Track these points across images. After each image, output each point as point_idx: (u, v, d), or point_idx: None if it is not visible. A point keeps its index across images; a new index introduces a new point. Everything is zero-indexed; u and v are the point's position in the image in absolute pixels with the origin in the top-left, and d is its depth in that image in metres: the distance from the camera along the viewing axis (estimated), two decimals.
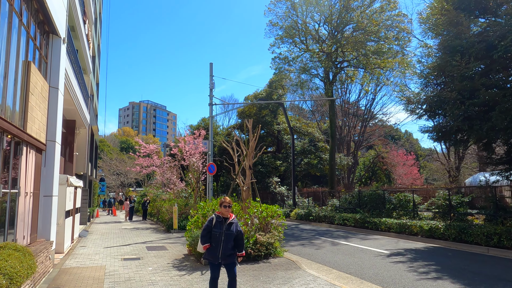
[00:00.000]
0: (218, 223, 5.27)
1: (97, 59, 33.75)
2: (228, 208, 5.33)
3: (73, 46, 13.76)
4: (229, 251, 5.23)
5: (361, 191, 20.67)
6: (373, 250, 11.62)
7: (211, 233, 5.27)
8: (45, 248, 8.09)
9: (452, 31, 12.90)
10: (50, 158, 9.24)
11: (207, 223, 5.36)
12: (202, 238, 5.31)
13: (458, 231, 12.69)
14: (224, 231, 5.20)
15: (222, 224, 5.25)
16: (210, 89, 19.14)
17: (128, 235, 16.68)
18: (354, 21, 27.06)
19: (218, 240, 5.18)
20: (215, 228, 5.25)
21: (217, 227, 5.23)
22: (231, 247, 5.26)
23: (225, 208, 5.32)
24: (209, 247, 5.24)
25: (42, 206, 8.92)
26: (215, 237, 5.21)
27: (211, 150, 18.70)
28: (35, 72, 7.94)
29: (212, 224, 5.30)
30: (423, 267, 8.92)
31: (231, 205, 5.39)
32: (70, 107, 14.85)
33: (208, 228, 5.31)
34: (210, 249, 5.24)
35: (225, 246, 5.18)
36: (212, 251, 5.21)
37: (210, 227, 5.29)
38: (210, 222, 5.33)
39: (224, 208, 5.32)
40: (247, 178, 11.51)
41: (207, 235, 5.28)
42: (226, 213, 5.33)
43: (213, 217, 5.38)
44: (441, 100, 13.13)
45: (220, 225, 5.24)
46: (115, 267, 9.16)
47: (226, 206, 5.33)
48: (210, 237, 5.26)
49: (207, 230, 5.30)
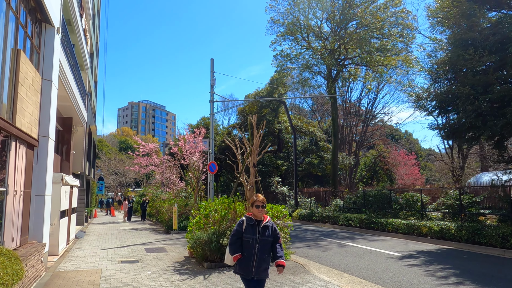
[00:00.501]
0: (250, 227, 4.26)
1: (95, 57, 33.19)
2: (261, 209, 4.29)
3: (69, 40, 13.21)
4: (264, 263, 4.23)
5: (366, 191, 20.13)
6: (383, 252, 11.08)
7: (242, 239, 4.28)
8: (36, 251, 7.53)
9: (465, 23, 12.36)
10: (43, 155, 8.68)
11: (236, 228, 4.34)
12: (231, 247, 4.29)
13: (471, 232, 12.15)
14: (258, 236, 4.21)
15: (255, 228, 4.25)
16: (211, 86, 18.59)
17: (126, 236, 16.12)
18: (358, 18, 26.52)
19: (251, 248, 4.18)
20: (246, 233, 4.24)
21: (249, 232, 4.24)
22: (267, 257, 4.27)
23: (257, 209, 4.29)
24: (240, 257, 4.23)
25: (34, 206, 8.37)
26: (247, 245, 4.21)
27: (212, 149, 18.16)
28: (25, 61, 7.38)
29: (242, 229, 4.29)
30: (440, 270, 8.38)
31: (265, 205, 4.37)
32: (66, 103, 14.27)
33: (238, 233, 4.29)
34: (241, 260, 4.22)
35: (260, 256, 4.19)
36: (245, 263, 4.20)
37: (240, 233, 4.28)
38: (240, 226, 4.31)
39: (256, 208, 4.30)
40: (251, 176, 10.95)
41: (237, 243, 4.27)
42: (259, 214, 4.29)
43: (243, 219, 4.36)
44: (452, 95, 12.59)
45: (252, 230, 4.24)
46: (112, 271, 8.60)
47: (259, 206, 4.28)
48: (241, 245, 4.26)
49: (237, 236, 4.29)
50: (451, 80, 13.56)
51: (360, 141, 40.83)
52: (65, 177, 11.48)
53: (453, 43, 12.86)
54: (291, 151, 37.86)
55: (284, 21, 29.33)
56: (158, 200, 24.69)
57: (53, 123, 9.35)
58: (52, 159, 9.28)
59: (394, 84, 33.60)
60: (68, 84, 12.45)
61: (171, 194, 23.52)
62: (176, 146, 23.89)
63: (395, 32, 26.49)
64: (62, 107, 15.01)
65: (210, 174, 17.76)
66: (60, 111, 15.51)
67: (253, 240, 4.19)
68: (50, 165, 9.02)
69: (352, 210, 20.50)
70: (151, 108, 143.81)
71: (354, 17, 26.93)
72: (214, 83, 18.50)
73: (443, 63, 13.18)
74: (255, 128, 11.18)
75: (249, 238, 4.20)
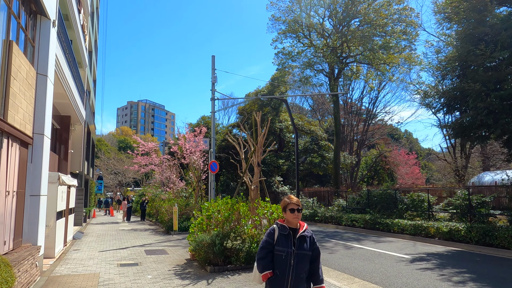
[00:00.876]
0: (283, 237, 3.30)
1: (94, 55, 32.74)
2: (297, 214, 3.33)
3: (67, 35, 12.78)
4: (302, 283, 3.28)
5: (370, 191, 19.72)
6: (392, 255, 10.67)
7: (273, 253, 3.32)
8: (30, 255, 7.12)
9: (475, 17, 11.95)
10: (38, 153, 8.26)
11: (265, 238, 3.40)
12: (259, 262, 3.35)
13: (481, 234, 11.75)
14: (294, 250, 3.25)
15: (289, 238, 3.30)
16: (212, 83, 18.17)
17: (125, 237, 15.71)
18: (361, 15, 26.11)
19: (285, 264, 3.25)
20: (278, 245, 3.29)
21: (282, 243, 3.28)
22: (304, 276, 3.31)
23: (292, 214, 3.32)
24: (271, 276, 3.31)
25: (28, 207, 7.95)
26: (280, 261, 3.28)
27: (214, 147, 17.73)
28: (18, 54, 6.96)
29: (273, 240, 3.35)
30: (456, 275, 7.97)
31: (301, 209, 3.41)
32: (63, 100, 13.84)
33: (269, 245, 3.35)
34: (273, 280, 3.29)
35: (297, 275, 3.24)
36: (277, 283, 3.27)
37: (271, 245, 3.34)
38: (271, 237, 3.37)
39: (291, 213, 3.33)
40: (255, 176, 10.55)
41: (268, 257, 3.32)
42: (294, 220, 3.35)
43: (274, 228, 3.41)
44: (461, 92, 12.18)
45: (286, 241, 3.29)
46: (110, 275, 8.19)
47: (294, 209, 3.33)
48: (272, 260, 3.33)
49: (267, 249, 3.34)
50: (460, 77, 13.16)
51: (362, 141, 40.44)
52: (62, 176, 11.07)
53: (462, 38, 12.45)
54: (292, 150, 37.47)
55: (286, 19, 28.92)
56: (157, 200, 24.27)
57: (49, 120, 8.94)
58: (47, 158, 8.87)
59: (396, 83, 33.23)
60: (65, 81, 12.03)
61: (171, 194, 23.11)
62: (176, 145, 23.48)
63: (398, 30, 26.10)
64: (59, 105, 14.60)
65: (211, 173, 17.35)
66: (57, 108, 15.10)
67: (288, 254, 3.25)
68: (45, 164, 8.61)
69: (355, 210, 20.10)
70: (150, 107, 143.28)
71: (357, 14, 26.53)
72: (216, 81, 18.08)
73: (452, 59, 12.77)
74: (259, 125, 10.77)
75: (283, 251, 3.26)
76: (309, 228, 3.46)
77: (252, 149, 10.87)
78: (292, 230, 3.35)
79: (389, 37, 26.14)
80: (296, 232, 3.35)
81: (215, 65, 18.42)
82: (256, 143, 10.62)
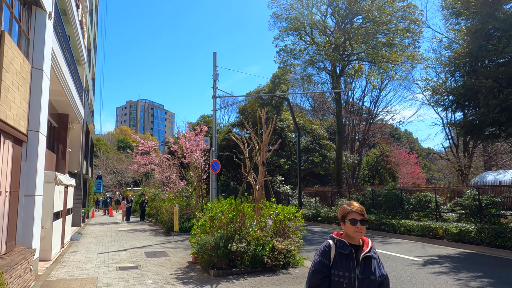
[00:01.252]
0: (343, 257, 2.43)
1: (93, 53, 32.33)
2: (361, 227, 2.44)
3: (65, 31, 12.36)
4: None
5: (375, 191, 19.33)
6: (402, 257, 10.28)
7: (330, 278, 2.41)
8: (24, 259, 6.71)
9: (487, 11, 11.56)
10: (33, 151, 7.85)
11: (319, 258, 2.47)
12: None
13: (493, 235, 11.36)
14: (358, 274, 2.39)
15: (351, 259, 2.42)
16: (214, 81, 17.77)
17: (124, 238, 15.30)
18: (364, 12, 25.70)
19: None
20: (337, 268, 2.39)
21: (341, 266, 2.39)
22: None
23: (354, 226, 2.44)
24: None
25: (22, 208, 7.54)
26: None
27: (215, 146, 17.33)
28: (11, 45, 6.56)
29: (329, 260, 2.44)
30: (473, 279, 7.57)
31: (367, 220, 2.51)
32: (61, 98, 13.43)
33: (324, 268, 2.42)
34: None
35: None
36: None
37: (327, 267, 2.42)
38: (326, 256, 2.45)
39: (352, 225, 2.45)
40: (260, 175, 10.15)
41: (324, 284, 2.40)
42: (357, 236, 2.47)
43: (329, 244, 2.50)
44: (473, 89, 11.78)
45: (347, 263, 2.41)
46: (109, 279, 7.79)
47: (356, 221, 2.44)
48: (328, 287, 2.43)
49: (322, 274, 2.41)
50: (470, 73, 12.76)
51: (363, 140, 40.06)
52: (59, 175, 10.66)
53: (473, 33, 12.06)
54: (293, 149, 37.10)
55: (287, 16, 28.49)
56: (157, 200, 23.86)
57: (45, 116, 8.53)
58: (43, 156, 8.46)
59: (399, 81, 32.84)
60: (62, 77, 11.62)
61: (171, 194, 22.70)
62: (176, 144, 23.08)
63: (401, 27, 25.70)
64: (57, 102, 14.20)
65: (213, 173, 16.95)
66: (55, 106, 14.70)
67: (351, 280, 2.37)
68: (41, 162, 8.20)
69: None
70: (149, 107, 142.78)
71: (359, 11, 26.12)
72: (217, 78, 17.69)
73: (462, 55, 12.37)
74: (264, 123, 10.37)
75: (344, 277, 2.37)
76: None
77: (256, 148, 10.47)
78: (354, 248, 2.45)
79: (393, 34, 25.75)
80: (359, 250, 2.46)
81: (216, 62, 18.02)
82: (261, 141, 10.22)
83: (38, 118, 8.03)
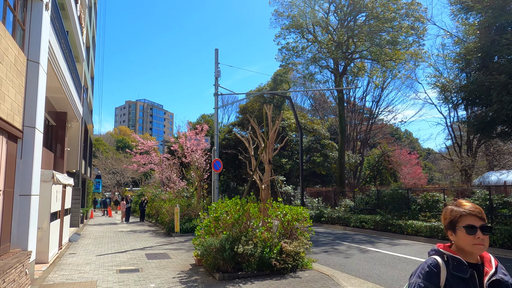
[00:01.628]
0: (461, 282, 1.73)
1: (92, 51, 31.88)
2: (483, 236, 1.75)
3: (63, 25, 11.98)
4: None
5: (380, 191, 18.94)
6: (413, 259, 9.89)
7: None
8: (18, 262, 6.31)
9: (500, 5, 11.18)
10: (29, 149, 7.45)
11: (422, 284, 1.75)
12: None
13: (507, 236, 10.99)
14: None
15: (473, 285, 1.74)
16: (216, 78, 17.35)
17: (124, 239, 14.88)
18: (368, 9, 25.32)
19: None
20: None
21: None
22: None
23: (471, 236, 1.76)
24: None
25: (17, 208, 7.13)
26: None
27: (217, 145, 16.92)
28: (5, 35, 6.15)
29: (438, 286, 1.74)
30: None
31: (490, 226, 1.80)
32: (59, 95, 13.01)
33: None
34: None
35: None
36: None
37: None
38: (434, 281, 1.75)
39: (469, 234, 1.76)
40: (266, 174, 9.76)
41: None
42: (478, 249, 1.76)
43: (436, 262, 1.80)
44: (485, 85, 11.39)
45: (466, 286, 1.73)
46: (109, 283, 7.38)
47: (475, 228, 1.76)
48: None
49: None
50: (481, 69, 12.38)
51: (365, 139, 39.70)
52: (57, 175, 10.25)
53: (485, 27, 11.68)
54: (295, 149, 36.69)
55: (289, 14, 28.10)
56: (157, 200, 23.42)
57: (41, 112, 8.13)
58: (40, 154, 8.05)
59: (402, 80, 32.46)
60: (60, 72, 11.20)
61: (172, 194, 22.28)
62: (177, 143, 22.67)
63: (405, 25, 25.35)
64: (54, 99, 13.78)
65: (215, 172, 16.54)
66: (53, 104, 14.28)
67: None
68: (37, 160, 7.79)
69: (364, 211, 19.31)
70: (148, 107, 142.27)
71: (363, 8, 25.74)
72: (219, 75, 17.27)
73: (473, 50, 11.99)
74: (270, 119, 9.97)
75: None
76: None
77: (262, 145, 10.07)
78: (475, 267, 1.79)
79: (397, 32, 25.39)
80: (480, 269, 1.78)
81: (218, 59, 17.61)
82: (267, 139, 9.82)
83: (34, 114, 7.62)
